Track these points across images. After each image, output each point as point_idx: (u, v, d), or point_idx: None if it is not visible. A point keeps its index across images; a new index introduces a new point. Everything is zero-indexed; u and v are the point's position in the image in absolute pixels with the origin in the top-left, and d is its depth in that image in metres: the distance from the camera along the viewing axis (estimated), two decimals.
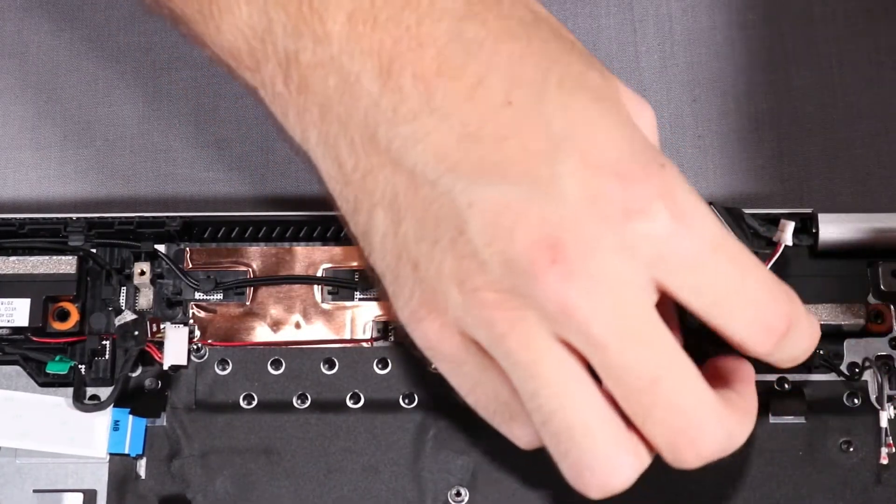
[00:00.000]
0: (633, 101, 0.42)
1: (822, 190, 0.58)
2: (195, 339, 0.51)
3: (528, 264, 0.39)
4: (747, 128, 0.59)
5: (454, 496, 0.50)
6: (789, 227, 0.50)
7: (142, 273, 0.52)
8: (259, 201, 0.58)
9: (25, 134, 0.59)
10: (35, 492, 0.50)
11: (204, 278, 0.52)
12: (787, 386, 0.51)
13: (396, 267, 0.42)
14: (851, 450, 0.50)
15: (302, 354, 0.51)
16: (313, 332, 0.52)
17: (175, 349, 0.51)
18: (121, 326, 0.51)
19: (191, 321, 0.52)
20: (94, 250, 0.52)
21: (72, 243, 0.52)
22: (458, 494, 0.50)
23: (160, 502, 0.50)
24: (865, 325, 0.51)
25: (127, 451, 0.50)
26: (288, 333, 0.52)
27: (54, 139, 0.59)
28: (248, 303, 0.52)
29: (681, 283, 0.40)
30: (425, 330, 0.42)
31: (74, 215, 0.52)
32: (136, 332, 0.51)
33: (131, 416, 0.50)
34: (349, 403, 0.51)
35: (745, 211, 0.51)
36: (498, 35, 0.40)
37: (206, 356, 0.51)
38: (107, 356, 0.51)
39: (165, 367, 0.51)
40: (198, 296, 0.52)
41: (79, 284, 0.51)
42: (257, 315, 0.52)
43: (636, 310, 0.39)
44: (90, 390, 0.51)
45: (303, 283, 0.52)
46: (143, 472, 0.50)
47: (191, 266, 0.53)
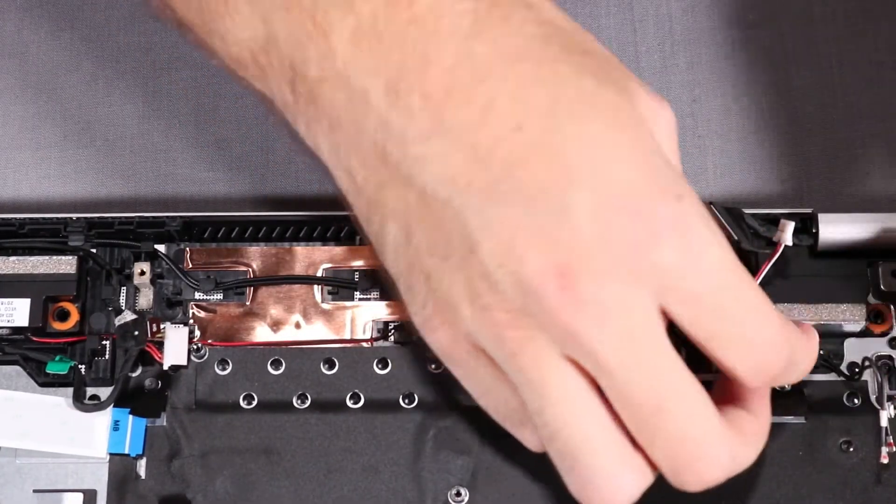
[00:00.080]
0: (652, 103, 0.41)
1: (822, 190, 0.57)
2: (195, 339, 0.51)
3: (538, 288, 0.39)
4: (747, 128, 0.59)
5: (454, 496, 0.50)
6: (789, 227, 0.50)
7: (142, 273, 0.52)
8: (259, 201, 0.58)
9: (25, 134, 0.59)
10: (35, 492, 0.50)
11: (204, 278, 0.52)
12: (787, 386, 0.51)
13: (409, 276, 0.42)
14: (851, 450, 0.50)
15: (302, 354, 0.51)
16: (313, 332, 0.52)
17: (175, 349, 0.51)
18: (121, 326, 0.51)
19: (191, 321, 0.52)
20: (94, 250, 0.52)
21: (72, 243, 0.52)
22: (458, 494, 0.50)
23: (160, 502, 0.50)
24: (865, 325, 0.51)
25: (127, 451, 0.50)
26: (288, 333, 0.52)
27: (54, 139, 0.59)
28: (248, 303, 0.52)
29: (681, 313, 0.40)
30: (439, 338, 0.42)
31: (74, 215, 0.52)
32: (136, 332, 0.51)
33: (131, 416, 0.50)
34: (349, 403, 0.51)
35: (745, 211, 0.51)
36: (506, 55, 0.40)
37: (206, 356, 0.51)
38: (107, 356, 0.51)
39: (165, 367, 0.51)
40: (198, 296, 0.52)
41: (79, 284, 0.51)
42: (257, 315, 0.52)
43: (643, 338, 0.39)
44: (90, 390, 0.51)
45: (303, 283, 0.52)
46: (143, 472, 0.50)
47: (191, 266, 0.53)
